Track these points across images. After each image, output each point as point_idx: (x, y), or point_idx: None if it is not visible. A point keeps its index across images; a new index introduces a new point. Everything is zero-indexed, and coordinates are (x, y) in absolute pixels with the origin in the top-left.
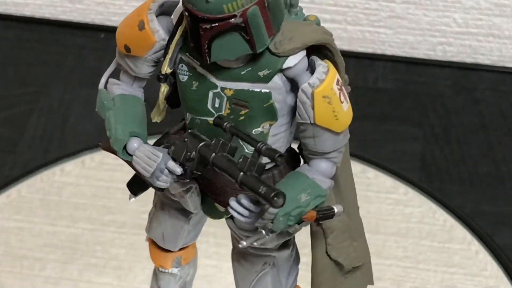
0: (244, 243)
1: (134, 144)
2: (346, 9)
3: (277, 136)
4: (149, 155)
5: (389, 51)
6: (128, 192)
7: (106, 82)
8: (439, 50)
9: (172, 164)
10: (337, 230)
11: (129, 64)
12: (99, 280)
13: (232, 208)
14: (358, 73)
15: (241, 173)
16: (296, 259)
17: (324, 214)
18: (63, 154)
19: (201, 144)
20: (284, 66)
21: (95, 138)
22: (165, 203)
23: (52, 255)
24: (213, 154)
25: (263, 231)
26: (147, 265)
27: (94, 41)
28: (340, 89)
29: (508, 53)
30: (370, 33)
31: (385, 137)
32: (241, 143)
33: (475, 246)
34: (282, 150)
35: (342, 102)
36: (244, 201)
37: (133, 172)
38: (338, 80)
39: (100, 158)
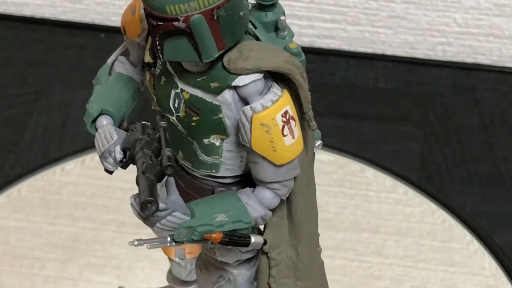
0: (136, 242)
1: (103, 122)
2: (346, 9)
3: (233, 153)
4: (106, 135)
5: (389, 51)
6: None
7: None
8: (439, 50)
9: (116, 149)
10: (282, 265)
11: (128, 46)
12: (99, 279)
13: (132, 204)
14: (358, 73)
15: (140, 173)
16: None
17: (232, 239)
18: (63, 154)
19: (135, 137)
20: (233, 83)
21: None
22: None
23: (52, 254)
24: (137, 149)
25: (168, 238)
26: (147, 264)
27: (94, 41)
28: (287, 122)
29: (508, 53)
30: (370, 33)
31: (385, 137)
32: (195, 149)
33: (475, 245)
34: (241, 171)
35: (284, 136)
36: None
37: None
38: (286, 113)
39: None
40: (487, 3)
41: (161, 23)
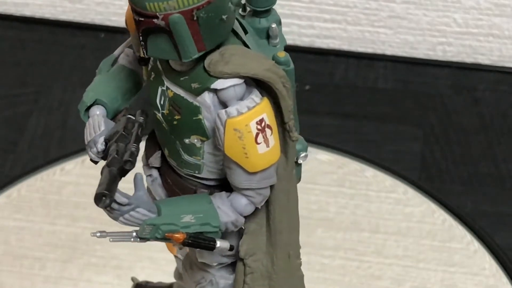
0: (99, 233)
1: (96, 112)
2: (346, 9)
3: (214, 156)
4: (95, 125)
5: (389, 51)
6: None
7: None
8: (439, 50)
9: (100, 140)
10: (257, 273)
11: (131, 39)
12: (99, 279)
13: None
14: (358, 73)
15: (105, 165)
16: None
17: (196, 242)
18: (63, 154)
19: (116, 129)
20: (212, 86)
21: None
22: None
23: (52, 254)
24: (112, 141)
25: (134, 233)
26: (148, 264)
27: (94, 41)
28: (262, 130)
29: (508, 53)
30: (370, 33)
31: (385, 137)
32: (178, 148)
33: (475, 245)
34: (223, 174)
35: (258, 144)
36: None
37: None
38: (262, 120)
39: None
40: (487, 3)
41: (142, 19)
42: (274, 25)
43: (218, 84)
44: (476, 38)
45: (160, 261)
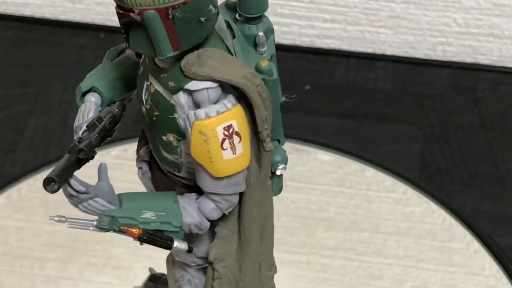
0: (57, 218)
1: (91, 98)
2: (346, 9)
3: (190, 157)
4: (84, 112)
5: (389, 51)
6: None
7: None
8: (439, 50)
9: (84, 127)
10: (224, 279)
11: None
12: (99, 279)
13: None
14: (358, 73)
15: (66, 152)
16: None
17: (151, 239)
18: (63, 154)
19: (94, 117)
20: (186, 86)
21: None
22: None
23: (52, 254)
24: (85, 129)
25: (95, 222)
26: (148, 264)
27: (94, 41)
28: (229, 136)
29: (508, 53)
30: (370, 33)
31: (385, 137)
32: (157, 144)
33: (475, 245)
34: None
35: (224, 149)
36: (73, 179)
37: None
38: (230, 127)
39: (99, 158)
40: (487, 3)
41: (121, 11)
42: (261, 33)
43: (192, 85)
44: (476, 38)
45: (160, 261)
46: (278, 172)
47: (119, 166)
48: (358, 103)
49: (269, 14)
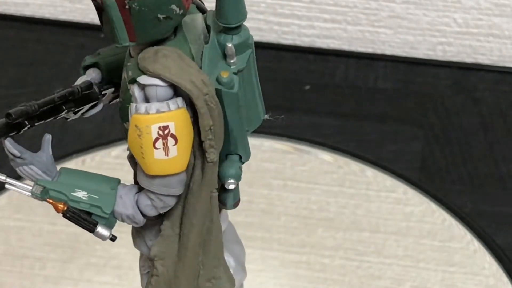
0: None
1: (92, 74)
2: (346, 9)
3: None
4: (78, 84)
5: (389, 51)
6: None
7: None
8: (439, 50)
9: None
10: (161, 277)
11: None
12: (99, 279)
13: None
14: (358, 73)
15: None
16: None
17: (73, 217)
18: (63, 154)
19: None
20: (138, 79)
21: (95, 138)
22: None
23: (52, 254)
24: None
25: (33, 188)
26: None
27: (94, 41)
28: (163, 137)
29: (508, 53)
30: (370, 33)
31: (385, 137)
32: (124, 130)
33: (475, 245)
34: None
35: (156, 148)
36: (7, 141)
37: None
38: (166, 127)
39: (100, 158)
40: (487, 3)
41: None
42: (230, 45)
43: (141, 79)
44: (476, 38)
45: None
46: (227, 186)
47: (119, 166)
48: (358, 103)
49: (269, 14)
